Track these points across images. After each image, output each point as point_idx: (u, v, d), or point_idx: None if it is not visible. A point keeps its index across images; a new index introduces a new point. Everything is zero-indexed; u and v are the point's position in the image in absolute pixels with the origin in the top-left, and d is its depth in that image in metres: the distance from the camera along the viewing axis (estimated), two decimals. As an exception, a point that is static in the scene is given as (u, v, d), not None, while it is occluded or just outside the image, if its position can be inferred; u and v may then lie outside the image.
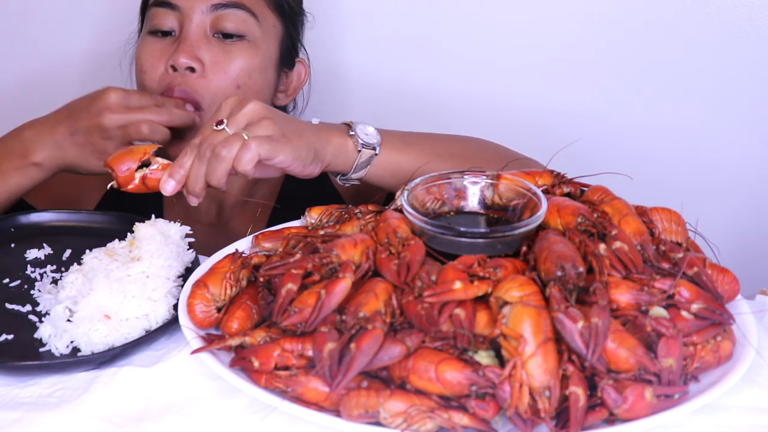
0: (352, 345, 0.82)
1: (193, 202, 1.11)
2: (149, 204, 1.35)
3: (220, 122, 1.11)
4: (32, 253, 1.18)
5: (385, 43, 1.86)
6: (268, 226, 1.22)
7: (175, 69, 1.40)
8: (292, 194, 1.60)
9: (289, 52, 1.55)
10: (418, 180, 1.06)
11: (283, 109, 1.64)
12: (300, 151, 1.13)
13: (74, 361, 0.97)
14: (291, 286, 0.90)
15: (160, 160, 1.14)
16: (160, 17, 1.43)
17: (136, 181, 1.13)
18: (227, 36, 1.43)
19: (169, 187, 1.10)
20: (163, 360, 0.98)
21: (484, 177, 1.07)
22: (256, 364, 0.86)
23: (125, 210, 1.27)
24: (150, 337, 1.00)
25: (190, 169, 1.10)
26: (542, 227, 0.99)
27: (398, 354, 0.83)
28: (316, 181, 1.55)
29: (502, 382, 0.80)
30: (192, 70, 1.40)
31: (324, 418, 0.82)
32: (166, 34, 1.44)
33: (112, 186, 1.15)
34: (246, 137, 1.07)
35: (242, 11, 1.43)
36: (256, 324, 0.95)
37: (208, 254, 1.10)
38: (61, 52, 2.04)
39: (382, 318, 0.85)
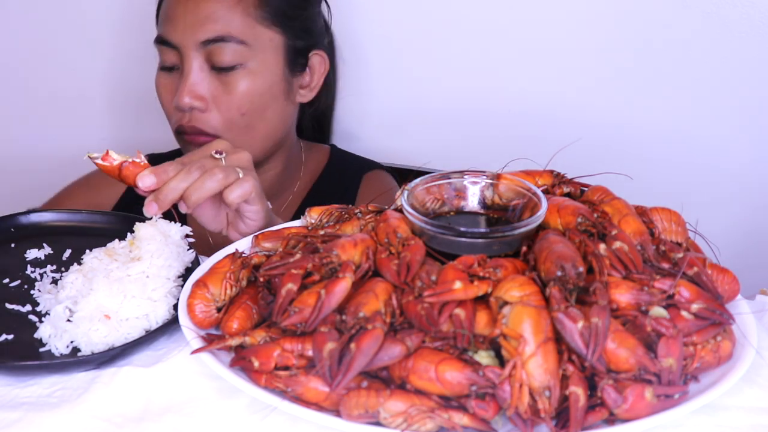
0: (352, 345, 0.82)
1: (151, 210, 1.11)
2: None
3: (219, 152, 1.16)
4: (32, 253, 1.18)
5: (386, 41, 1.87)
6: None
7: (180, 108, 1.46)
8: (320, 197, 1.63)
9: (298, 55, 1.56)
10: (418, 180, 1.06)
11: (314, 100, 1.66)
12: (268, 212, 1.20)
13: (74, 361, 0.97)
14: (291, 286, 0.90)
15: (144, 158, 1.15)
16: (164, 54, 1.50)
17: (115, 162, 1.13)
18: (222, 68, 1.47)
19: (147, 181, 1.11)
20: (163, 360, 0.98)
21: (484, 177, 1.07)
22: (256, 364, 0.86)
23: (141, 212, 1.26)
24: (150, 337, 1.00)
25: (172, 179, 1.11)
26: (542, 227, 0.99)
27: (398, 354, 0.83)
28: (345, 186, 1.55)
29: (502, 382, 0.80)
30: (197, 107, 1.46)
31: (324, 418, 0.82)
32: (172, 67, 1.50)
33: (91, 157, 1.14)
34: (240, 174, 1.14)
35: (232, 43, 1.46)
36: (256, 324, 0.95)
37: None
38: (84, 65, 2.06)
39: (382, 318, 0.85)
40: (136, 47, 1.75)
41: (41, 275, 1.14)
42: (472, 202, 1.08)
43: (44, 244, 1.20)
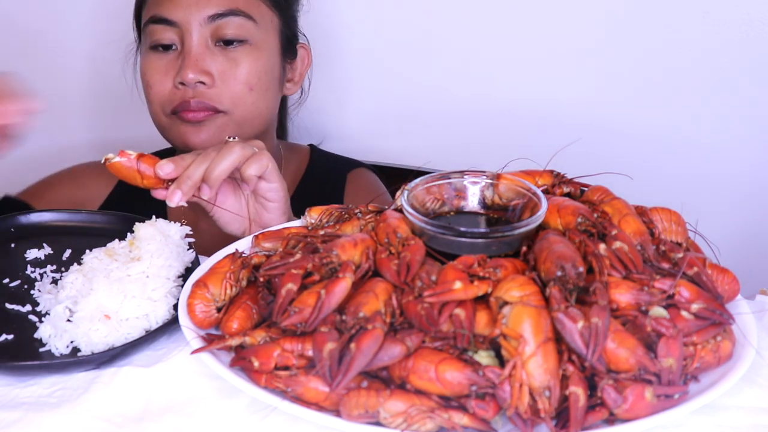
0: (352, 345, 0.82)
1: (175, 197, 1.12)
2: (153, 204, 1.35)
3: (233, 137, 1.17)
4: (32, 253, 1.18)
5: (386, 39, 1.86)
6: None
7: (184, 84, 1.42)
8: (305, 198, 1.62)
9: (289, 42, 1.56)
10: (418, 180, 1.06)
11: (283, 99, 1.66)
12: (286, 192, 1.20)
13: (74, 361, 0.97)
14: (291, 286, 0.90)
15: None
16: (159, 33, 1.45)
17: (132, 157, 1.13)
18: (228, 42, 1.45)
19: (167, 168, 1.13)
20: (163, 360, 0.98)
21: (484, 177, 1.07)
22: (256, 364, 0.86)
23: (129, 211, 1.27)
24: (150, 337, 1.00)
25: (191, 164, 1.12)
26: (542, 227, 0.99)
27: (398, 354, 0.83)
28: (331, 187, 1.54)
29: (502, 382, 0.80)
30: (202, 83, 1.43)
31: (324, 418, 0.82)
32: (167, 47, 1.46)
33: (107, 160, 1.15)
34: (257, 149, 1.15)
35: (239, 17, 1.45)
36: (256, 324, 0.95)
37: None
38: (62, 64, 2.05)
39: (382, 318, 0.85)
40: (112, 41, 1.72)
41: (41, 275, 1.14)
42: (472, 202, 1.08)
43: (44, 244, 1.20)
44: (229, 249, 1.08)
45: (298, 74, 1.61)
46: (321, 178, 1.67)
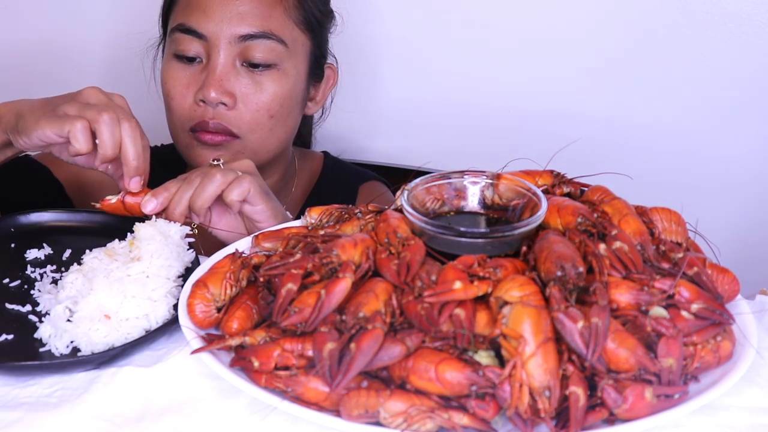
0: (352, 345, 0.82)
1: (150, 205, 1.15)
2: None
3: (217, 159, 1.19)
4: (32, 253, 1.18)
5: (388, 43, 1.87)
6: None
7: (204, 102, 1.40)
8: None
9: (317, 63, 1.53)
10: (418, 180, 1.06)
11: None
12: (276, 211, 1.20)
13: (74, 361, 0.97)
14: (291, 286, 0.90)
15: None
16: (185, 43, 1.42)
17: (113, 201, 1.19)
18: (255, 65, 1.42)
19: (150, 206, 1.15)
20: (163, 360, 0.98)
21: (484, 177, 1.07)
22: (256, 364, 0.86)
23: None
24: (150, 337, 1.00)
25: (175, 193, 1.14)
26: (542, 227, 0.99)
27: (398, 354, 0.83)
28: (341, 198, 1.55)
29: (502, 382, 0.80)
30: (223, 104, 1.40)
31: (324, 418, 0.82)
32: (192, 59, 1.43)
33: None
34: (239, 174, 1.16)
35: (271, 41, 1.41)
36: (256, 324, 0.95)
37: None
38: (80, 50, 2.05)
39: (382, 318, 0.85)
40: (133, 33, 1.71)
41: (41, 275, 1.14)
42: (472, 202, 1.08)
43: (44, 244, 1.20)
44: (229, 249, 1.08)
45: (321, 94, 1.58)
46: (333, 188, 1.65)
